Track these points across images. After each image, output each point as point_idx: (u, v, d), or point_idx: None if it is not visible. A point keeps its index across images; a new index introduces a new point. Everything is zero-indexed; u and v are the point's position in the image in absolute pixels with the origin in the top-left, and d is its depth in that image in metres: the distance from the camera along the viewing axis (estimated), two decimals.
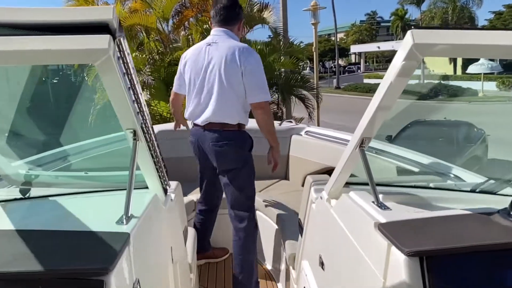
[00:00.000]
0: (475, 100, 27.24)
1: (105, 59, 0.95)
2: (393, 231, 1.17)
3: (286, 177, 4.07)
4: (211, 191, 3.02)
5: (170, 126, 3.37)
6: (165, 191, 1.80)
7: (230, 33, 2.59)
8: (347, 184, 1.77)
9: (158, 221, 1.63)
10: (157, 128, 4.08)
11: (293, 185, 3.88)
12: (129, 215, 1.29)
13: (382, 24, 71.86)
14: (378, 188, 1.54)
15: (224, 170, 2.72)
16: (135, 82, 1.16)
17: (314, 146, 3.82)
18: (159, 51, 7.50)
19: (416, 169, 2.66)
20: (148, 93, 7.09)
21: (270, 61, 7.40)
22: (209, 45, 2.59)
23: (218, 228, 3.33)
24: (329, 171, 3.83)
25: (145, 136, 1.35)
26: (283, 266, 3.11)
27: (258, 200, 3.41)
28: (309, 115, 8.27)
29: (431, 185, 2.13)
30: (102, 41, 0.93)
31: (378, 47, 52.93)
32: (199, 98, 2.61)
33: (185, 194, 3.27)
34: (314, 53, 11.41)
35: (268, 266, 3.37)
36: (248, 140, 2.76)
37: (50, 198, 1.65)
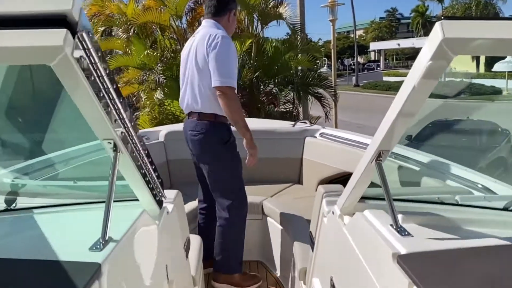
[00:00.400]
0: (499, 99, 26.45)
1: (61, 58, 0.78)
2: (415, 267, 0.97)
3: (299, 181, 3.87)
4: (205, 185, 2.86)
5: (179, 126, 3.19)
6: (160, 203, 1.62)
7: (216, 24, 2.56)
8: (362, 198, 1.57)
9: (148, 239, 1.45)
10: (166, 128, 3.93)
11: (306, 190, 3.68)
12: (106, 238, 1.12)
13: (402, 21, 70.69)
14: (397, 204, 1.34)
15: (200, 161, 2.69)
16: (109, 85, 0.98)
17: (329, 149, 3.61)
18: (172, 49, 7.37)
19: (439, 178, 2.44)
20: (161, 92, 6.97)
21: (285, 59, 7.20)
22: (194, 36, 2.64)
23: None
24: (344, 177, 3.64)
25: (127, 146, 1.18)
26: (293, 275, 2.93)
27: (269, 205, 3.23)
28: (326, 114, 8.03)
29: (457, 199, 1.90)
30: (55, 36, 0.76)
31: (398, 44, 52.02)
32: (184, 88, 2.66)
33: (195, 198, 3.12)
34: (332, 50, 11.13)
35: (278, 273, 3.19)
36: (223, 132, 2.60)
37: (35, 211, 1.49)
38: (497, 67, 30.40)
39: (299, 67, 8.02)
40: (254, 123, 4.40)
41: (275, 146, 3.85)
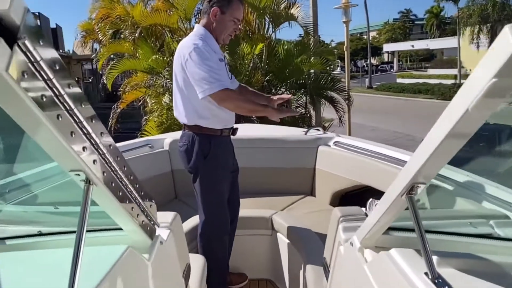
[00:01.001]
0: None
1: None
2: None
3: (312, 193, 3.63)
4: None
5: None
6: (151, 232, 1.41)
7: (198, 31, 2.41)
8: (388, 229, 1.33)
9: (134, 283, 1.24)
10: (172, 136, 3.73)
11: (319, 203, 3.44)
12: None
13: (416, 22, 69.86)
14: (429, 236, 1.10)
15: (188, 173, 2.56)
16: (71, 104, 0.77)
17: (344, 159, 3.37)
18: None
19: (469, 198, 2.19)
20: (169, 96, 6.80)
21: (298, 62, 6.95)
22: None
23: (235, 250, 2.93)
24: (360, 189, 3.40)
25: (104, 176, 0.96)
26: None
27: (279, 220, 3.00)
28: (340, 119, 7.76)
29: (492, 224, 1.65)
30: None
31: (412, 46, 51.38)
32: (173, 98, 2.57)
33: None
34: (346, 52, 10.85)
35: None
36: (204, 145, 2.40)
37: (1, 246, 1.29)
38: None
39: (311, 70, 7.76)
40: (264, 131, 4.18)
41: (286, 156, 3.63)
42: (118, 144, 3.64)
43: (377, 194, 3.20)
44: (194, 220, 2.90)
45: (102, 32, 8.59)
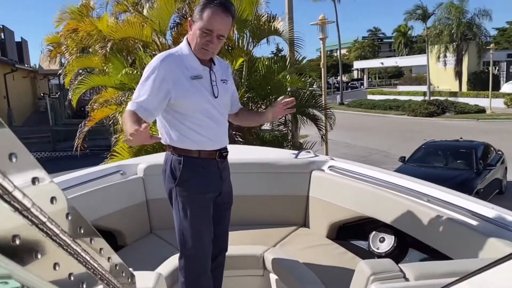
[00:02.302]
0: (483, 117, 26.56)
1: None
2: None
3: (305, 223, 3.26)
4: None
5: (162, 158, 2.50)
6: None
7: (184, 42, 2.17)
8: None
9: None
10: (147, 161, 3.28)
11: (315, 236, 3.08)
12: None
13: (384, 40, 71.77)
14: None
15: None
16: None
17: (340, 186, 3.03)
18: None
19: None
20: None
21: (279, 79, 6.67)
22: None
23: None
24: (360, 221, 3.07)
25: None
26: None
27: (271, 258, 2.61)
28: (322, 137, 7.50)
29: None
30: None
31: (382, 63, 52.59)
32: None
33: None
34: (322, 69, 10.70)
35: None
36: (174, 167, 2.12)
37: None
38: (505, 88, 31.57)
39: (289, 88, 7.49)
40: (249, 153, 3.81)
41: (276, 182, 3.26)
42: (86, 171, 3.20)
43: (379, 225, 2.87)
44: (175, 261, 2.48)
45: (69, 50, 8.09)
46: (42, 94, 29.09)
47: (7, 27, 24.27)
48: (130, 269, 1.08)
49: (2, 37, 23.71)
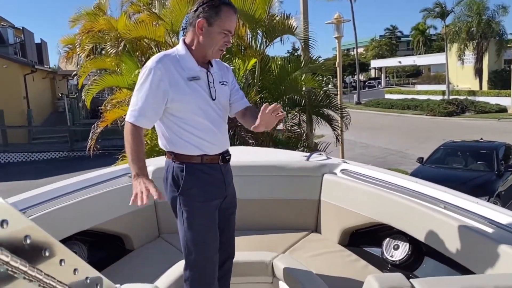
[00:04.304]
0: (504, 117, 25.87)
1: None
2: None
3: (317, 229, 3.16)
4: None
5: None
6: None
7: (180, 43, 2.11)
8: None
9: None
10: (154, 164, 3.22)
11: (327, 242, 2.98)
12: None
13: (402, 38, 70.83)
14: None
15: None
16: None
17: (353, 190, 2.92)
18: None
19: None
20: None
21: (293, 79, 6.55)
22: None
23: None
24: (374, 227, 2.96)
25: None
26: None
27: (281, 266, 2.52)
28: (337, 138, 7.36)
29: None
30: None
31: (400, 62, 51.88)
32: None
33: None
34: (338, 68, 10.55)
35: None
36: (176, 175, 2.05)
37: None
38: None
39: (303, 88, 7.37)
40: (259, 155, 3.72)
41: (286, 185, 3.16)
42: (94, 173, 3.16)
43: (393, 232, 2.75)
44: (182, 266, 2.41)
45: (82, 46, 8.10)
46: (60, 95, 29.53)
47: (27, 29, 24.72)
48: (118, 285, 1.01)
49: (22, 38, 24.15)
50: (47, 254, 0.64)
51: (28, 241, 0.59)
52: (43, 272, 0.61)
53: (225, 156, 2.15)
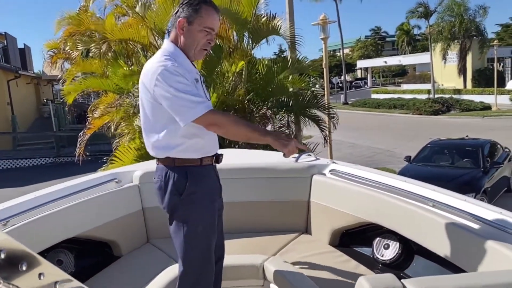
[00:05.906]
0: (489, 114, 26.25)
1: None
2: None
3: (307, 230, 3.15)
4: None
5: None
6: None
7: (165, 45, 2.06)
8: None
9: None
10: (143, 168, 3.18)
11: (318, 243, 2.97)
12: None
13: (387, 39, 71.48)
14: None
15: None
16: None
17: (342, 190, 2.92)
18: None
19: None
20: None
21: (280, 79, 6.55)
22: None
23: None
24: (364, 227, 2.96)
25: None
26: None
27: (272, 268, 2.50)
28: (325, 138, 7.37)
29: None
30: None
31: (385, 62, 52.35)
32: None
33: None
34: (325, 69, 10.57)
35: None
36: (179, 181, 2.00)
37: None
38: (510, 85, 31.22)
39: (291, 89, 7.38)
40: (246, 157, 3.70)
41: (275, 187, 3.15)
42: (80, 179, 3.11)
43: (383, 231, 2.75)
44: (172, 272, 2.38)
45: (72, 49, 7.98)
46: (45, 100, 29.14)
47: (9, 34, 24.33)
48: None
49: (5, 43, 23.77)
50: (24, 268, 0.61)
51: (1, 256, 0.56)
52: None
53: (218, 156, 2.14)
